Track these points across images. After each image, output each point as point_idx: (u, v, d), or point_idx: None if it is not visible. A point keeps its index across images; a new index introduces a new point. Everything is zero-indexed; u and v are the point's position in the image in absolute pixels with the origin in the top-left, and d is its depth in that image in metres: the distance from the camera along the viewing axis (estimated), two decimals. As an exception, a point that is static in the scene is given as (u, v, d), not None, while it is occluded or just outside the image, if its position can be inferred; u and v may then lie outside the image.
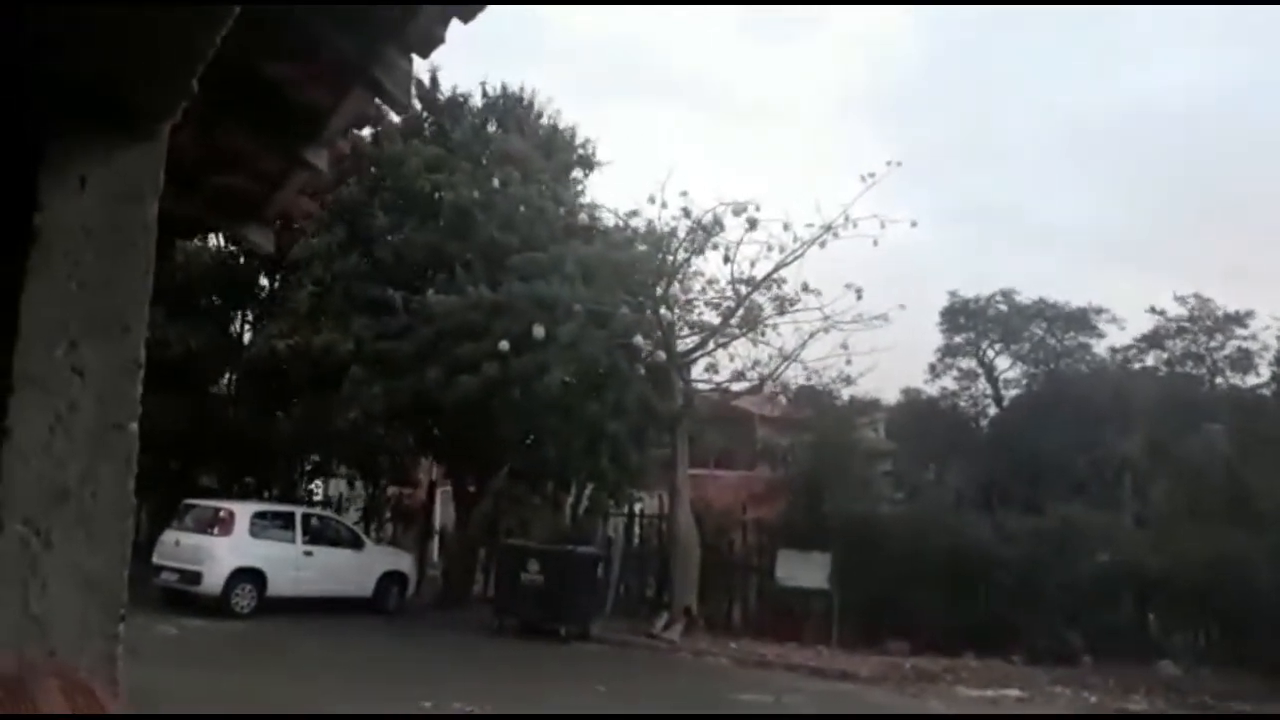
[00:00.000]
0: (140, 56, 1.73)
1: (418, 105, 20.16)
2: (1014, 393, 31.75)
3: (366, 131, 19.23)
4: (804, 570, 17.60)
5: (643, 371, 17.65)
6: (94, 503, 1.85)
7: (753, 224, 17.05)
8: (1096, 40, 58.97)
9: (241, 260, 21.72)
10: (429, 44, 2.61)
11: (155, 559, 16.09)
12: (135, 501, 1.95)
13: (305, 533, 17.37)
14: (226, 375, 23.12)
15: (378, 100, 2.89)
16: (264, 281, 22.59)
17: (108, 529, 1.88)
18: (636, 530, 21.26)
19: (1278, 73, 52.36)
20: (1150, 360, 32.51)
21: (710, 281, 18.50)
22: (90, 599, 1.85)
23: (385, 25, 2.49)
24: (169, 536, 16.45)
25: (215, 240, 19.99)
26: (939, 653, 16.23)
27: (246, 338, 22.54)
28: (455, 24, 2.50)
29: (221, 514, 16.54)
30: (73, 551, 1.83)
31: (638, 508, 21.79)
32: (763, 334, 18.30)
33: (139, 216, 1.95)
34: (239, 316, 22.91)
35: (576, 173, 21.01)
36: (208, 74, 1.86)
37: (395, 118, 18.62)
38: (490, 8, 2.50)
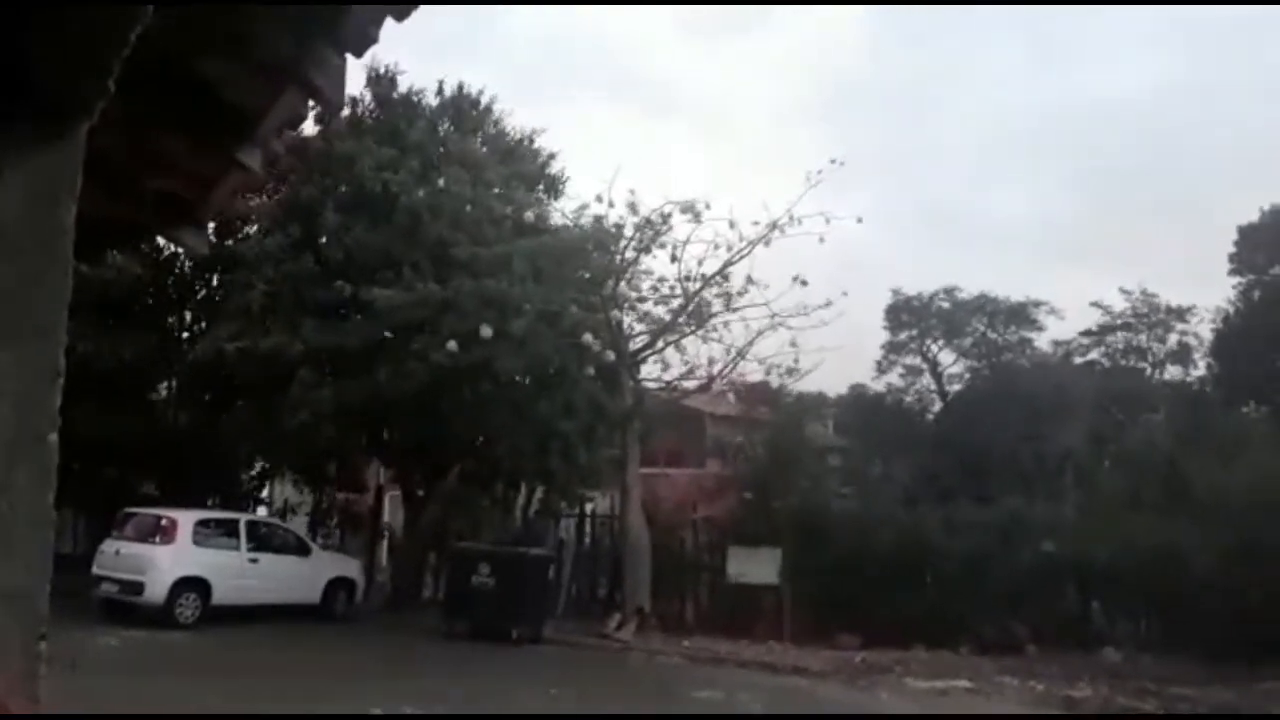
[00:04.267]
0: (54, 52, 1.67)
1: (372, 103, 19.95)
2: (958, 388, 32.25)
3: (316, 130, 18.93)
4: (754, 566, 17.72)
5: (592, 371, 17.60)
6: (11, 516, 1.78)
7: (694, 212, 17.01)
8: (1039, 41, 60.14)
9: (179, 263, 21.26)
10: (363, 42, 2.57)
11: (95, 570, 15.71)
12: (64, 512, 1.89)
13: (250, 540, 17.07)
14: (167, 381, 22.65)
15: (311, 100, 2.84)
16: (203, 283, 22.12)
17: (26, 543, 1.82)
18: (588, 531, 21.23)
19: (1218, 77, 53.93)
20: (1093, 354, 33.28)
21: (660, 279, 18.52)
22: (8, 615, 1.78)
23: (318, 23, 2.45)
24: (109, 546, 16.06)
25: (150, 246, 19.59)
26: (888, 645, 16.41)
27: (186, 342, 22.06)
28: (404, 23, 2.46)
29: (163, 522, 16.17)
30: (-11, 568, 1.76)
31: (589, 508, 21.76)
32: (713, 330, 18.37)
33: (55, 218, 1.88)
34: (178, 320, 22.41)
35: (540, 192, 20.79)
36: (135, 73, 1.80)
37: (343, 113, 18.37)
38: (429, 8, 2.47)
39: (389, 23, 2.48)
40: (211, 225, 17.50)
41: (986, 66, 65.33)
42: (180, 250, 19.67)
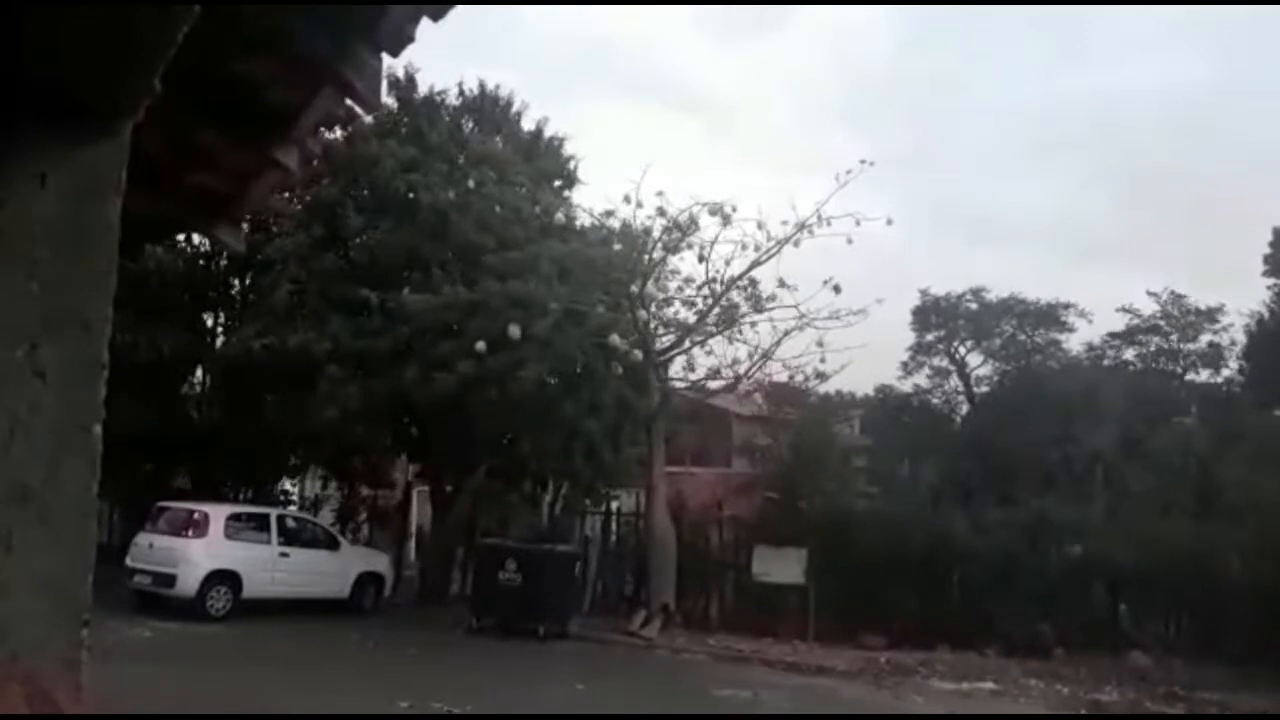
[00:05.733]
0: (100, 54, 1.71)
1: (393, 104, 20.01)
2: (986, 389, 32.01)
3: (339, 132, 19.06)
4: (780, 566, 17.66)
5: (619, 370, 17.61)
6: (56, 505, 1.83)
7: (726, 219, 17.05)
8: (1071, 40, 59.57)
9: (214, 261, 21.52)
10: (399, 42, 2.61)
11: (129, 562, 15.93)
12: (100, 503, 1.92)
13: (281, 534, 17.23)
14: (200, 376, 22.91)
15: (348, 100, 2.88)
16: (237, 282, 22.40)
17: (71, 532, 1.87)
18: (614, 528, 21.25)
19: (1249, 75, 53.18)
20: (1124, 356, 32.93)
21: (688, 279, 18.50)
22: (52, 602, 1.83)
23: (356, 24, 2.48)
24: (143, 539, 16.28)
25: (188, 242, 19.82)
26: (914, 646, 16.33)
27: (219, 338, 22.30)
28: (427, 23, 2.49)
29: (196, 516, 16.37)
30: (34, 555, 1.81)
31: (615, 506, 21.79)
32: (739, 332, 18.33)
33: (101, 215, 1.93)
34: (211, 317, 22.68)
35: (558, 184, 20.84)
36: (177, 73, 1.84)
37: (368, 118, 18.47)
38: (460, 7, 2.49)
39: (425, 22, 2.51)
40: (246, 225, 17.69)
41: (1011, 64, 64.87)
42: (216, 248, 19.93)
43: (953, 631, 16.75)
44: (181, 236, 15.04)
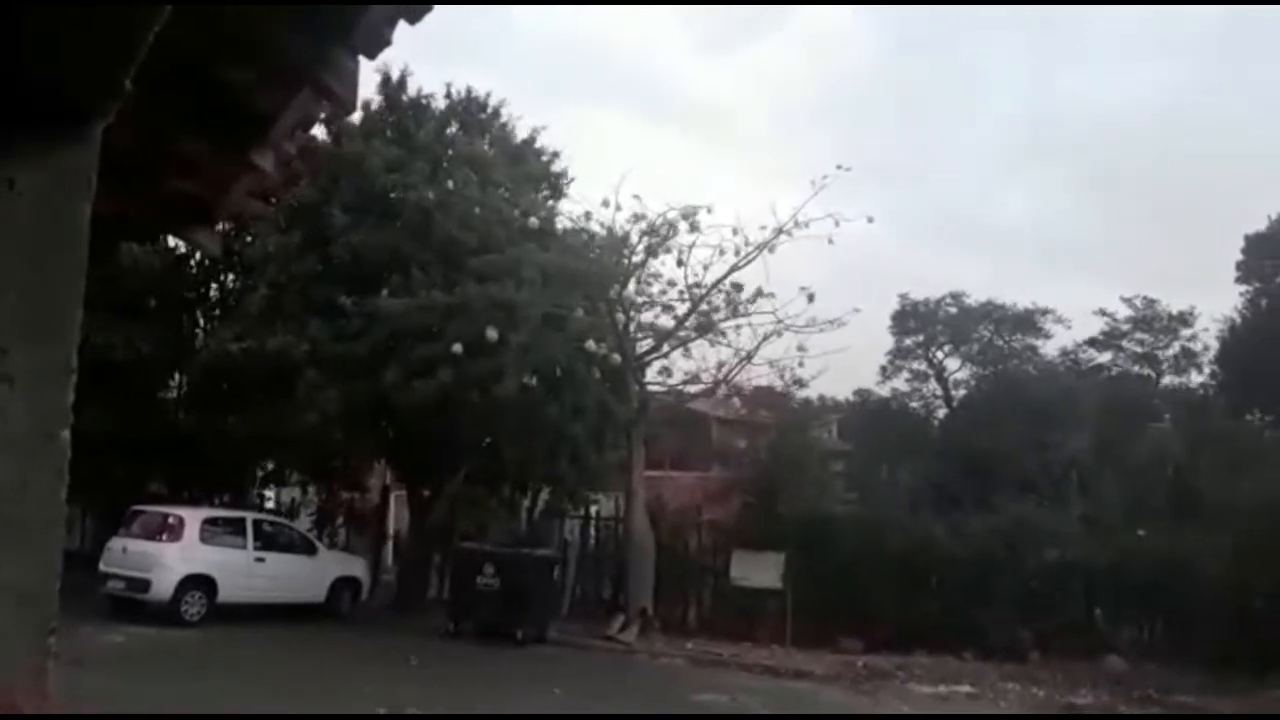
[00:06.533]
0: (70, 54, 1.69)
1: (381, 102, 19.94)
2: (963, 393, 32.16)
3: (321, 132, 18.93)
4: (758, 570, 17.68)
5: (599, 374, 17.60)
6: (23, 513, 1.80)
7: (694, 227, 17.06)
8: (1048, 47, 60.15)
9: (193, 262, 21.32)
10: (376, 45, 2.59)
11: (103, 566, 15.78)
12: (67, 510, 1.90)
13: (257, 538, 17.10)
14: (177, 379, 22.68)
15: (325, 101, 2.86)
16: (215, 284, 22.20)
17: (38, 539, 1.84)
18: (593, 532, 21.23)
19: (1224, 84, 53.80)
20: (1099, 360, 33.20)
21: (670, 283, 18.50)
22: (19, 611, 1.80)
23: (333, 26, 2.46)
24: (116, 544, 16.12)
25: (165, 242, 19.62)
26: (891, 650, 16.41)
27: (198, 341, 22.08)
28: (415, 25, 2.48)
29: (170, 520, 16.22)
30: (2, 564, 1.78)
31: (594, 510, 21.75)
32: (722, 335, 18.34)
33: (71, 219, 1.90)
34: (190, 319, 22.45)
35: (545, 192, 20.78)
36: (152, 75, 1.82)
37: (354, 117, 18.36)
38: (441, 11, 2.48)
39: (399, 25, 2.50)
40: (224, 226, 17.50)
41: (992, 72, 65.37)
42: (193, 249, 19.71)
43: (930, 636, 16.83)
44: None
